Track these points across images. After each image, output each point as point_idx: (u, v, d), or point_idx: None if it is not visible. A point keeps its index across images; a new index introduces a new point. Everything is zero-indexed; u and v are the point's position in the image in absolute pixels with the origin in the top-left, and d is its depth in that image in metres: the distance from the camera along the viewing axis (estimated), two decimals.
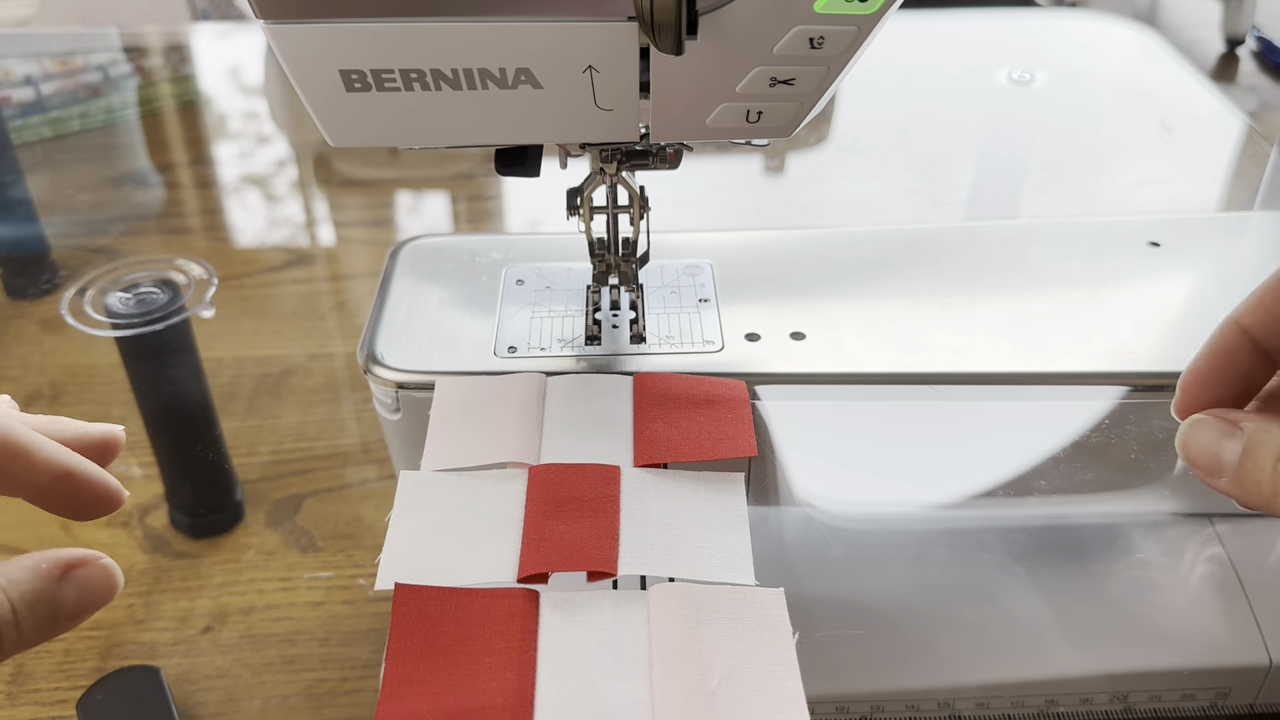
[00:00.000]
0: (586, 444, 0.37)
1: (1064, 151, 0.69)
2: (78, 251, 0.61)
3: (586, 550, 0.33)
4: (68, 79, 0.74)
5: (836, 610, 0.37)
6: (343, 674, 0.36)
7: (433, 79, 0.30)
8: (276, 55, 0.30)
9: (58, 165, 0.70)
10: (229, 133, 0.75)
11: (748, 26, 0.29)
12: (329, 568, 0.39)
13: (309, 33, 0.29)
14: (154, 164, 0.71)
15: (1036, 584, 0.39)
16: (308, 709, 0.35)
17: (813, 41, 0.30)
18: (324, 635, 0.37)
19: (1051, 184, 0.66)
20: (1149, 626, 0.37)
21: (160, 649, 0.36)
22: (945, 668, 0.36)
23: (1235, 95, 0.77)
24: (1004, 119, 0.73)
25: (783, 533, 0.41)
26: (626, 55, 0.30)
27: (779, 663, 0.31)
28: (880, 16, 0.29)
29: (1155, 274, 0.43)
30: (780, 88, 0.31)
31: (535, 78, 0.30)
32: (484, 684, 0.30)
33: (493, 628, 0.31)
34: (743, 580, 0.34)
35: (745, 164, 0.67)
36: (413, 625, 0.31)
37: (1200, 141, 0.69)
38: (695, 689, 0.30)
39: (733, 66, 0.30)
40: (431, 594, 0.32)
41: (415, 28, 0.29)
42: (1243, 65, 0.81)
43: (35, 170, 0.69)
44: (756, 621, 0.32)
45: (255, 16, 0.29)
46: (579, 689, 0.30)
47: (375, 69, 0.30)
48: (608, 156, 0.38)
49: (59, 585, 0.26)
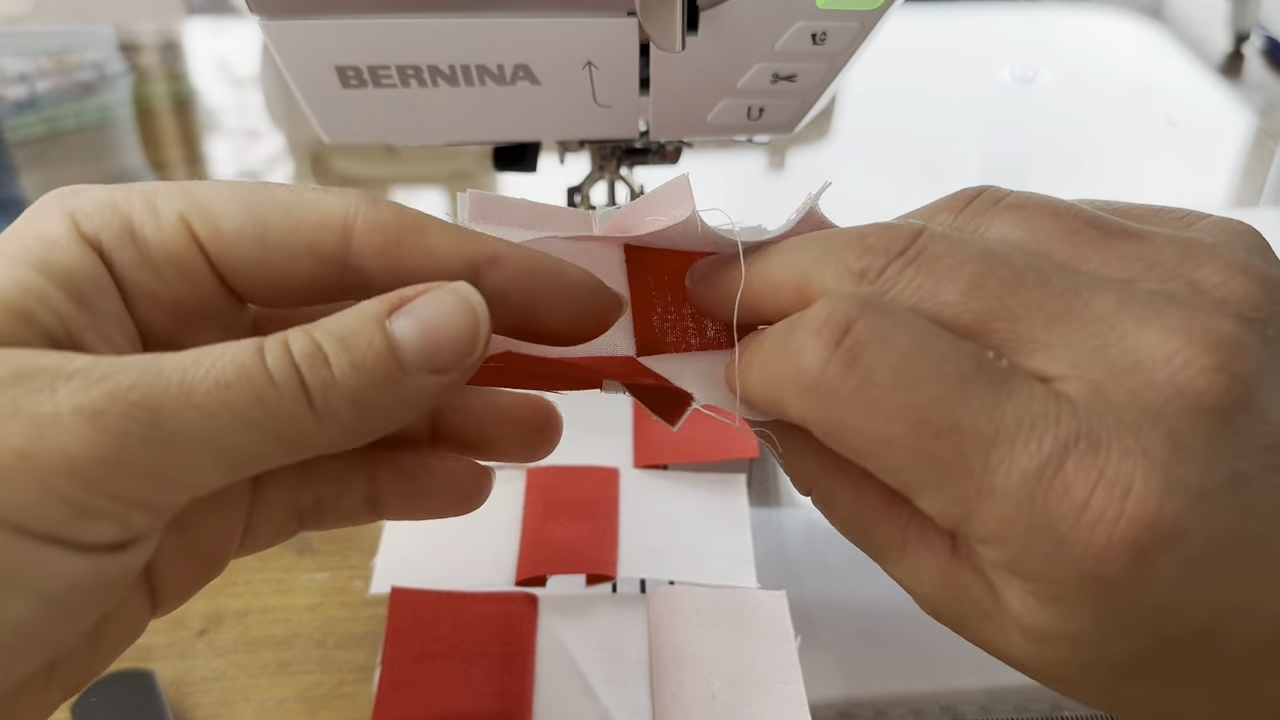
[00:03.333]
0: (586, 446, 0.37)
1: (1068, 148, 0.69)
2: None
3: (586, 553, 0.33)
4: (62, 77, 0.74)
5: (839, 613, 0.37)
6: (339, 677, 0.36)
7: (430, 75, 0.30)
8: (272, 51, 0.30)
9: (52, 164, 0.69)
10: (224, 130, 0.75)
11: (749, 22, 0.29)
12: (325, 570, 0.39)
13: (305, 29, 0.29)
14: (149, 162, 0.70)
15: None
16: (303, 712, 0.35)
17: (815, 37, 0.29)
18: (320, 638, 0.36)
19: (1055, 181, 0.65)
20: None
21: (155, 652, 0.36)
22: (949, 672, 0.36)
23: (1242, 92, 0.76)
24: (1008, 115, 0.73)
25: (785, 535, 0.40)
26: (626, 51, 0.30)
27: (781, 666, 0.30)
28: (883, 12, 0.29)
29: None
30: (782, 84, 0.31)
31: (534, 74, 0.30)
32: (481, 688, 0.30)
33: (490, 631, 0.31)
34: (744, 583, 0.34)
35: (746, 161, 0.66)
36: (409, 629, 0.31)
37: (1206, 138, 0.69)
38: (696, 693, 0.29)
39: (734, 62, 0.30)
40: (428, 597, 0.31)
41: (412, 24, 0.29)
42: (1249, 62, 0.81)
43: (29, 168, 0.69)
44: (758, 625, 0.31)
45: (251, 12, 0.29)
46: (577, 693, 0.30)
47: (371, 65, 0.30)
48: (607, 154, 0.38)
49: (388, 321, 0.19)
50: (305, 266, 0.20)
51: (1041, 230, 0.20)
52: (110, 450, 0.16)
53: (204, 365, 0.18)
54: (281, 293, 0.21)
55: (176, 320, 0.21)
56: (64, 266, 0.19)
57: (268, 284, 0.21)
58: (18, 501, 0.16)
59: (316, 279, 0.21)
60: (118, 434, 0.16)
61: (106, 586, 0.17)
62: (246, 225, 0.20)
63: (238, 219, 0.20)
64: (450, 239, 0.21)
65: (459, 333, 0.20)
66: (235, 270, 0.21)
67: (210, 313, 0.21)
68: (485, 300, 0.20)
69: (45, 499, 0.16)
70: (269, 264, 0.20)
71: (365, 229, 0.20)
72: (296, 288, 0.21)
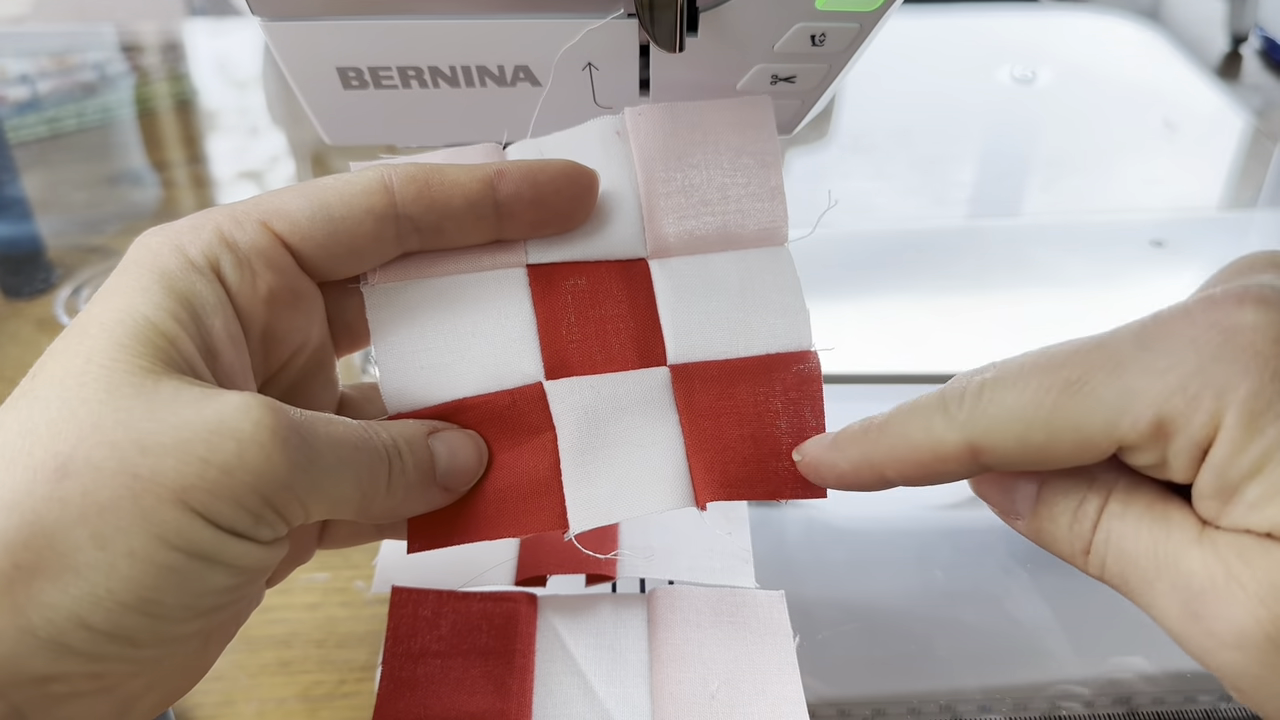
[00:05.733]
0: None
1: (1067, 149, 0.69)
2: (73, 250, 0.61)
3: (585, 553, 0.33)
4: (64, 77, 0.74)
5: (838, 613, 0.37)
6: (339, 677, 0.36)
7: (431, 76, 0.30)
8: (273, 52, 0.30)
9: (53, 164, 0.69)
10: (224, 130, 0.75)
11: (748, 23, 0.29)
12: (326, 570, 0.39)
13: (306, 30, 0.29)
14: (150, 162, 0.71)
15: (1039, 586, 0.38)
16: (304, 712, 0.35)
17: (814, 39, 0.29)
18: (321, 638, 0.37)
19: (1054, 182, 0.65)
20: (1152, 629, 0.37)
21: None
22: (947, 671, 0.36)
23: (1239, 93, 0.77)
24: (1007, 117, 0.73)
25: (784, 534, 0.41)
26: (626, 52, 0.30)
27: (779, 666, 0.30)
28: (882, 14, 0.29)
29: (1158, 273, 0.43)
30: (781, 85, 0.31)
31: (534, 75, 0.30)
32: (481, 687, 0.30)
33: (490, 630, 0.31)
34: (743, 583, 0.34)
35: None
36: (409, 628, 0.31)
37: (1204, 140, 0.69)
38: (694, 692, 0.30)
39: (733, 64, 0.30)
40: (428, 596, 0.32)
41: (413, 25, 0.29)
42: (1247, 63, 0.81)
43: (31, 169, 0.69)
44: (757, 624, 0.32)
45: (252, 13, 0.29)
46: (577, 692, 0.30)
47: (373, 66, 0.30)
48: None
49: (430, 440, 0.26)
50: (368, 227, 0.25)
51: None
52: (285, 475, 0.22)
53: (339, 425, 0.24)
54: (353, 257, 0.26)
55: (270, 309, 0.25)
56: (184, 294, 0.23)
57: (342, 254, 0.26)
58: (221, 509, 0.21)
59: (378, 235, 0.26)
60: (292, 464, 0.22)
61: (267, 567, 0.23)
62: (316, 210, 0.25)
63: (307, 209, 0.25)
64: (462, 170, 0.26)
65: (469, 466, 0.27)
66: (314, 250, 0.25)
67: (295, 299, 0.26)
68: (503, 203, 0.26)
69: (238, 509, 0.21)
70: (339, 235, 0.25)
71: (401, 182, 0.26)
72: (364, 247, 0.26)
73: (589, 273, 0.29)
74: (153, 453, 0.20)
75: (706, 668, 0.30)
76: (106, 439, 0.20)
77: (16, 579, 0.19)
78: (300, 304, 0.26)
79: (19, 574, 0.19)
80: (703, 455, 0.27)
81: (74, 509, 0.20)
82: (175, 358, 0.22)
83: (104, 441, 0.20)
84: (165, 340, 0.22)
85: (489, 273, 0.28)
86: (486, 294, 0.28)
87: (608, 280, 0.29)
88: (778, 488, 0.27)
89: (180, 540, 0.21)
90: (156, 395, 0.21)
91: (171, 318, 0.23)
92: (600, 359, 0.28)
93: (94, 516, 0.20)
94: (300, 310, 0.26)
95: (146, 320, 0.22)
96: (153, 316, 0.22)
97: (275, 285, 0.25)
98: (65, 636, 0.20)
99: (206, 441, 0.21)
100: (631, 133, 0.29)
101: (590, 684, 0.30)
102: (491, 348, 0.28)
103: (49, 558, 0.20)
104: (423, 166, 0.26)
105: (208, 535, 0.21)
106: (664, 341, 0.28)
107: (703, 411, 0.28)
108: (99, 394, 0.21)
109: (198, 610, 0.22)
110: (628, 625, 0.32)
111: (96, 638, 0.20)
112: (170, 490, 0.20)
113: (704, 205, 0.29)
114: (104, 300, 0.23)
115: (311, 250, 0.25)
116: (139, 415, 0.21)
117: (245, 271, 0.24)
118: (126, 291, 0.23)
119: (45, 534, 0.20)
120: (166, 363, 0.22)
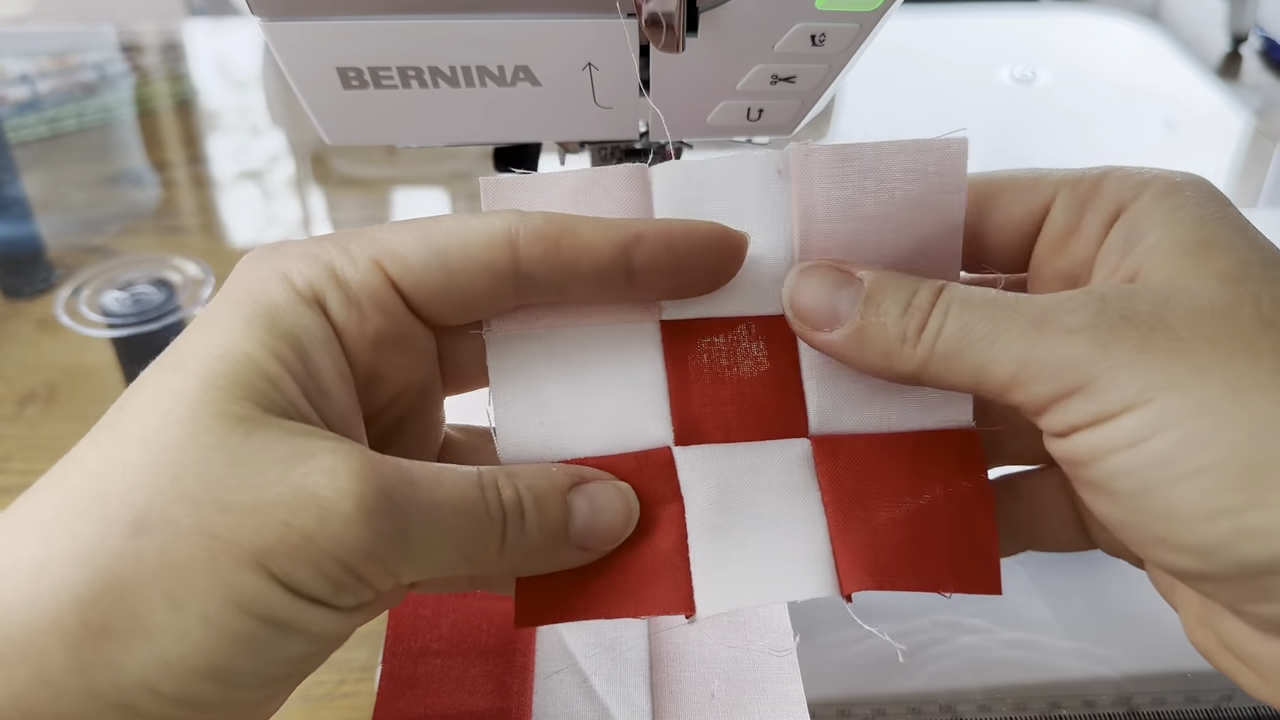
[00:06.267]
0: None
1: (1067, 149, 0.69)
2: (73, 251, 0.61)
3: None
4: (64, 77, 0.74)
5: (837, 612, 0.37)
6: (340, 676, 0.36)
7: (430, 76, 0.30)
8: (273, 52, 0.30)
9: (54, 164, 0.70)
10: (225, 130, 0.75)
11: (748, 23, 0.29)
12: None
13: (306, 30, 0.29)
14: (150, 162, 0.71)
15: (1039, 586, 0.38)
16: (304, 712, 0.35)
17: (814, 38, 0.29)
18: None
19: None
20: (1152, 629, 0.37)
21: None
22: (947, 671, 0.36)
23: (1239, 93, 0.77)
24: (1007, 116, 0.73)
25: None
26: (626, 52, 0.30)
27: (779, 666, 0.30)
28: (882, 13, 0.29)
29: None
30: (781, 85, 0.31)
31: (534, 75, 0.30)
32: (481, 687, 0.30)
33: (491, 630, 0.31)
34: None
35: None
36: (410, 627, 0.31)
37: (1204, 140, 0.69)
38: (695, 692, 0.30)
39: (733, 64, 0.30)
40: (429, 596, 0.32)
41: (413, 25, 0.29)
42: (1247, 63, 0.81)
43: (31, 169, 0.69)
44: (757, 624, 0.32)
45: (252, 13, 0.29)
46: (577, 692, 0.30)
47: (373, 66, 0.30)
48: (607, 155, 0.38)
49: (570, 494, 0.24)
50: (484, 282, 0.23)
51: None
52: (370, 545, 0.20)
53: (446, 488, 0.22)
54: (466, 309, 0.24)
55: (376, 350, 0.23)
56: (291, 329, 0.22)
57: (454, 304, 0.24)
58: (301, 576, 0.20)
59: (494, 291, 0.23)
60: (378, 533, 0.20)
61: (345, 634, 0.22)
62: (431, 258, 0.23)
63: (422, 254, 0.23)
64: (598, 231, 0.23)
65: (615, 526, 0.24)
66: (426, 298, 0.23)
67: (403, 341, 0.24)
68: (638, 272, 0.24)
69: (317, 577, 0.20)
70: (453, 286, 0.23)
71: (528, 239, 0.23)
72: (478, 302, 0.24)
73: (728, 330, 0.26)
74: (233, 512, 0.19)
75: (707, 667, 0.30)
76: (186, 493, 0.19)
77: (85, 638, 0.19)
78: (407, 346, 0.24)
79: (88, 633, 0.19)
80: (849, 539, 0.25)
81: (148, 568, 0.19)
82: (276, 400, 0.21)
83: (183, 496, 0.19)
84: (266, 381, 0.21)
85: (619, 325, 0.26)
86: (615, 348, 0.26)
87: (748, 339, 0.26)
88: (937, 579, 0.24)
89: (256, 606, 0.19)
90: (244, 447, 0.20)
91: (274, 356, 0.21)
92: (736, 426, 0.26)
93: (168, 577, 0.19)
94: (407, 352, 0.24)
95: (248, 358, 0.21)
96: (255, 354, 0.21)
97: (383, 328, 0.23)
98: (132, 700, 0.19)
99: (289, 505, 0.20)
100: (796, 176, 0.25)
101: (591, 684, 0.30)
102: (618, 407, 0.26)
103: (120, 618, 0.19)
104: (555, 221, 0.23)
105: (285, 602, 0.20)
106: (806, 409, 0.26)
107: (848, 490, 0.25)
108: (182, 440, 0.20)
109: (270, 678, 0.21)
110: (628, 625, 0.32)
111: (164, 703, 0.19)
112: (248, 553, 0.19)
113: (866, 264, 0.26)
114: (203, 331, 0.22)
115: (423, 298, 0.23)
116: (221, 470, 0.20)
117: (353, 311, 0.23)
118: (228, 324, 0.21)
119: (117, 592, 0.19)
120: (265, 406, 0.21)
